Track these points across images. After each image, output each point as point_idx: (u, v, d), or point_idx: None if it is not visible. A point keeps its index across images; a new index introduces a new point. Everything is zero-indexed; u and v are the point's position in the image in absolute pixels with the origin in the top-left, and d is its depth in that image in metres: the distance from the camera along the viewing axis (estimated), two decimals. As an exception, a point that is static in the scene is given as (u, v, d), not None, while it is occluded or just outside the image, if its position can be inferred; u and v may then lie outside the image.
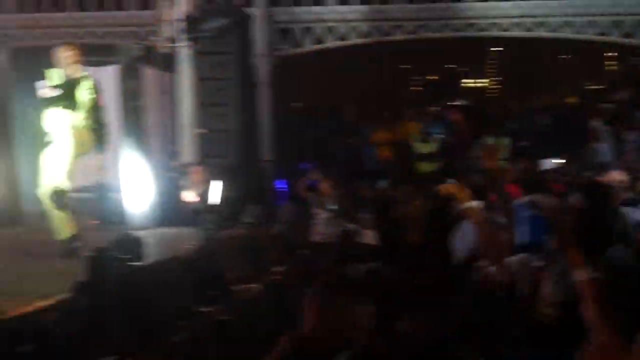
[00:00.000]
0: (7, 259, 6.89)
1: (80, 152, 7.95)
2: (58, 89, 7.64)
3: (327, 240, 9.73)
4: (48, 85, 7.65)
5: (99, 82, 8.16)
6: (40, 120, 7.88)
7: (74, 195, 13.38)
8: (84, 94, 7.74)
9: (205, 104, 12.23)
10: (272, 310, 6.78)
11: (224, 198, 10.73)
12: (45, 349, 4.49)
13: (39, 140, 8.02)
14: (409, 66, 30.86)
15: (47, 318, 4.91)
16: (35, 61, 15.29)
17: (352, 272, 3.41)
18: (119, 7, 16.56)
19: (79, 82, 7.79)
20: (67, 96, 7.65)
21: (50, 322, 4.67)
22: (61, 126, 7.68)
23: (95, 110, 7.86)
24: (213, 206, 10.31)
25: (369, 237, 7.50)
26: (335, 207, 9.73)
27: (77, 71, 7.88)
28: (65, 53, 7.95)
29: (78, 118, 7.72)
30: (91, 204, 12.10)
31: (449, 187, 5.61)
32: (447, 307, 4.54)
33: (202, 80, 12.21)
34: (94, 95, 7.85)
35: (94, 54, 16.15)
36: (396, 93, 23.77)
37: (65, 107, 7.65)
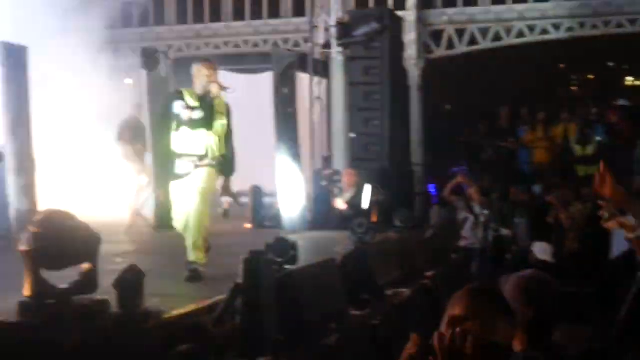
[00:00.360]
0: (164, 261, 7.20)
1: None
2: (196, 110, 7.04)
3: (475, 246, 9.63)
4: (185, 105, 7.01)
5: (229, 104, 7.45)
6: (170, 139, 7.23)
7: (226, 199, 13.90)
8: (220, 115, 7.18)
9: (356, 108, 12.33)
10: (423, 315, 6.77)
11: (375, 202, 10.79)
12: (201, 349, 4.67)
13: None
14: (566, 65, 29.86)
15: (204, 319, 5.09)
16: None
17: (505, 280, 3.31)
18: (274, 15, 16.98)
19: (216, 103, 7.19)
20: (204, 117, 7.05)
21: (207, 323, 4.85)
22: (194, 147, 7.08)
23: (228, 133, 7.34)
24: (364, 210, 10.39)
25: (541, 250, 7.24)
26: (484, 211, 9.59)
27: (215, 91, 7.13)
28: (204, 70, 7.17)
29: (212, 140, 7.13)
30: (246, 208, 12.49)
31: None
32: (607, 316, 4.38)
33: (353, 85, 12.32)
34: (227, 118, 7.30)
35: (249, 61, 16.70)
36: (552, 93, 23.12)
37: (202, 128, 7.07)
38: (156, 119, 7.63)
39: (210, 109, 7.11)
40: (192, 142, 7.05)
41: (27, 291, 4.68)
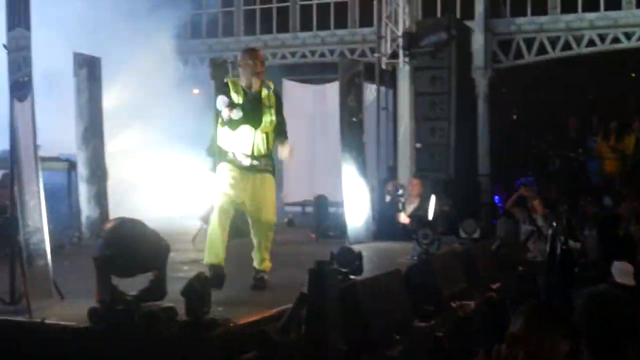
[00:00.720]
0: (229, 269, 7.25)
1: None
2: (238, 106, 6.48)
3: (539, 259, 9.47)
4: (227, 101, 6.44)
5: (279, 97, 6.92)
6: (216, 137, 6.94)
7: (293, 209, 14.04)
8: (267, 110, 6.62)
9: (422, 118, 12.29)
10: (488, 328, 6.69)
11: (440, 212, 10.72)
12: (266, 358, 4.71)
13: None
14: (637, 74, 29.17)
15: (269, 327, 5.13)
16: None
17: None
18: (341, 25, 17.06)
19: (264, 97, 6.62)
20: (249, 113, 6.50)
21: (272, 331, 4.89)
22: (241, 145, 6.64)
23: (278, 129, 6.80)
24: (429, 221, 10.33)
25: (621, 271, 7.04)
26: (551, 223, 9.43)
27: (257, 85, 6.57)
28: (248, 60, 6.61)
29: (259, 138, 6.64)
30: (309, 217, 12.55)
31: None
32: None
33: (420, 95, 12.28)
34: (277, 113, 6.74)
35: (317, 71, 16.80)
36: (624, 103, 22.63)
37: (246, 125, 6.57)
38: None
39: (256, 103, 6.56)
40: (236, 140, 6.60)
41: (97, 297, 4.80)
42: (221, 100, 6.44)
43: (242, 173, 6.65)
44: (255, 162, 6.67)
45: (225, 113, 6.38)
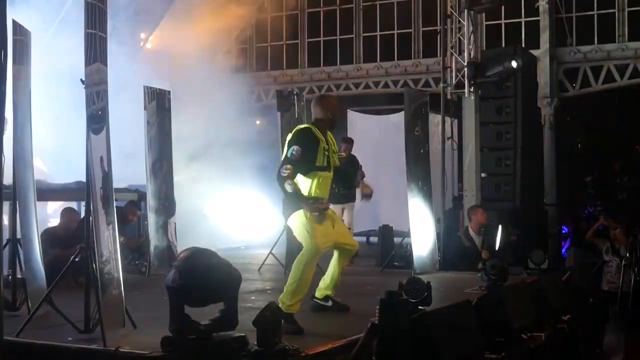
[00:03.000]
0: (304, 299, 7.27)
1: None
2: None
3: (618, 290, 9.27)
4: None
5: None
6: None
7: (357, 239, 13.99)
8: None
9: (488, 148, 12.21)
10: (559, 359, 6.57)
11: (507, 242, 10.59)
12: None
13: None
14: None
15: (340, 358, 5.13)
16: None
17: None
18: (405, 56, 17.11)
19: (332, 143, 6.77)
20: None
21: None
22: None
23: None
24: (496, 251, 10.21)
25: None
26: (628, 254, 9.25)
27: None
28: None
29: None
30: (374, 247, 12.51)
31: None
32: None
33: (485, 125, 12.22)
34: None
35: (380, 102, 16.85)
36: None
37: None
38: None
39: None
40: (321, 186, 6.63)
41: (170, 326, 4.86)
42: (295, 150, 6.42)
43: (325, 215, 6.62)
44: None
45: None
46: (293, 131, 6.65)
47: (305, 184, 6.53)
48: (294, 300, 6.24)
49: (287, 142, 6.55)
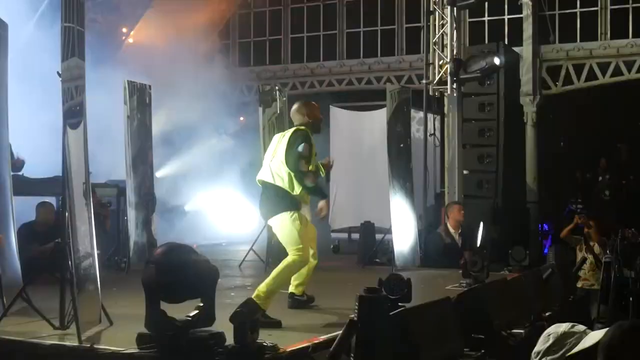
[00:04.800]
0: (281, 295, 7.20)
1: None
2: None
3: (595, 287, 9.29)
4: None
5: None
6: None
7: (339, 235, 14.01)
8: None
9: (470, 144, 12.21)
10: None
11: (489, 239, 10.59)
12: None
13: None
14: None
15: (318, 355, 5.09)
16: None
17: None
18: (388, 52, 17.09)
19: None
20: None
21: (321, 358, 4.85)
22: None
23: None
24: (477, 248, 10.20)
25: None
26: (603, 252, 9.26)
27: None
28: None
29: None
30: (356, 244, 12.49)
31: None
32: None
33: (467, 121, 12.21)
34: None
35: (364, 98, 16.81)
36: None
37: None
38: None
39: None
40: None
41: (146, 323, 4.80)
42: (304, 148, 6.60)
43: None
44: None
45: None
46: (293, 131, 6.74)
47: (292, 183, 6.58)
48: (269, 299, 6.18)
49: (287, 141, 6.62)
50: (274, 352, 4.79)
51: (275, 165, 6.66)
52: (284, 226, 6.55)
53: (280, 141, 6.75)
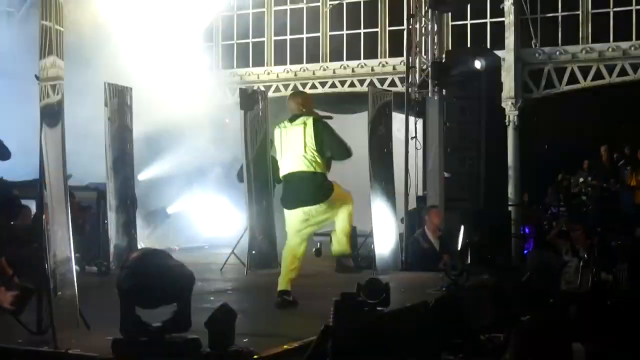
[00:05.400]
0: (256, 300, 7.24)
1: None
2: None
3: (577, 290, 9.33)
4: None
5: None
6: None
7: (321, 238, 13.98)
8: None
9: (452, 147, 12.22)
10: (518, 360, 6.57)
11: (469, 243, 10.61)
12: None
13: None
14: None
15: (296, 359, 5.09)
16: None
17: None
18: (371, 55, 17.11)
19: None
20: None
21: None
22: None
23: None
24: (457, 251, 10.23)
25: None
26: (587, 255, 9.32)
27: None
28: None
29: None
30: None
31: None
32: None
33: (449, 125, 12.23)
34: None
35: (346, 101, 16.81)
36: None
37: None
38: None
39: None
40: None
41: (121, 328, 4.78)
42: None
43: None
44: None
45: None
46: (313, 121, 7.32)
47: (327, 166, 7.49)
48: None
49: (314, 131, 7.24)
50: (250, 358, 4.77)
51: (310, 155, 7.24)
52: (337, 195, 7.43)
53: (305, 132, 7.26)
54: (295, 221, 7.44)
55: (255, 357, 4.81)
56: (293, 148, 7.30)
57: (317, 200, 7.33)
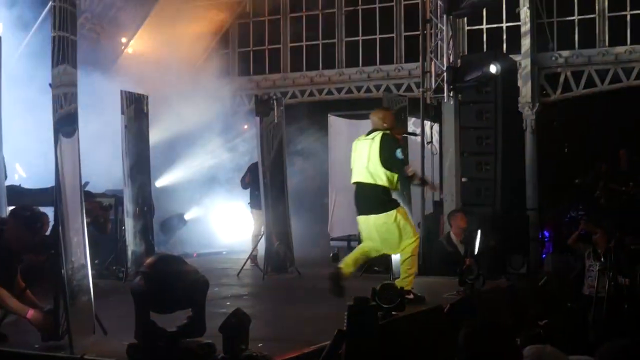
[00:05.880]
0: (271, 305, 7.25)
1: None
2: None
3: (601, 294, 9.25)
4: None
5: None
6: None
7: (338, 244, 14.00)
8: None
9: (468, 152, 12.19)
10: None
11: (486, 247, 10.58)
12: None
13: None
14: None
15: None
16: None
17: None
18: (386, 61, 17.10)
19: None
20: None
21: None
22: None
23: None
24: (474, 256, 10.20)
25: None
26: (608, 259, 9.24)
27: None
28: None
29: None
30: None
31: None
32: None
33: (465, 129, 12.19)
34: None
35: (363, 106, 16.80)
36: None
37: None
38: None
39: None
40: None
41: (136, 334, 4.82)
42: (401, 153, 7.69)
43: None
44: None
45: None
46: (382, 136, 7.67)
47: (391, 180, 7.67)
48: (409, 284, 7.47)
49: (379, 145, 7.59)
50: (264, 362, 4.79)
51: (372, 167, 7.61)
52: (390, 226, 7.58)
53: (371, 146, 7.66)
54: (359, 227, 7.95)
55: (263, 363, 4.83)
56: (360, 160, 7.77)
57: (371, 211, 7.68)
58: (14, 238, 5.79)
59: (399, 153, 7.63)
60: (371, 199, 7.69)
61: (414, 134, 11.61)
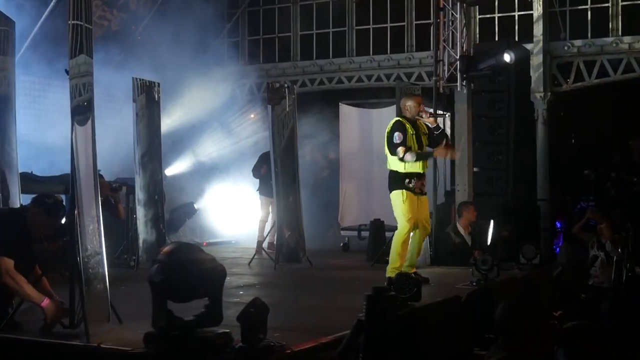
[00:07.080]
0: (286, 295, 7.20)
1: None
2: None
3: (605, 285, 9.20)
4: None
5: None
6: None
7: (349, 233, 13.98)
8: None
9: (480, 142, 12.12)
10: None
11: (499, 237, 10.53)
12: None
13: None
14: None
15: (326, 355, 5.06)
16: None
17: None
18: (397, 49, 17.01)
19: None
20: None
21: (329, 359, 4.81)
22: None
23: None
24: (487, 246, 10.16)
25: None
26: (615, 250, 9.17)
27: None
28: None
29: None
30: (365, 242, 12.45)
31: None
32: None
33: (477, 118, 12.13)
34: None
35: (373, 95, 16.75)
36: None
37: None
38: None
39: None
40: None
41: (153, 322, 4.78)
42: (397, 136, 8.35)
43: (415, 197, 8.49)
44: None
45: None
46: (390, 125, 8.51)
47: (399, 163, 8.37)
48: (394, 266, 8.24)
49: (387, 133, 8.44)
50: (282, 352, 4.76)
51: (385, 151, 8.54)
52: (395, 203, 8.45)
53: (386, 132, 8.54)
54: None
55: (287, 351, 4.79)
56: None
57: (388, 189, 8.58)
58: (35, 225, 5.79)
59: (395, 136, 8.36)
60: (389, 179, 8.61)
61: (442, 115, 11.88)
